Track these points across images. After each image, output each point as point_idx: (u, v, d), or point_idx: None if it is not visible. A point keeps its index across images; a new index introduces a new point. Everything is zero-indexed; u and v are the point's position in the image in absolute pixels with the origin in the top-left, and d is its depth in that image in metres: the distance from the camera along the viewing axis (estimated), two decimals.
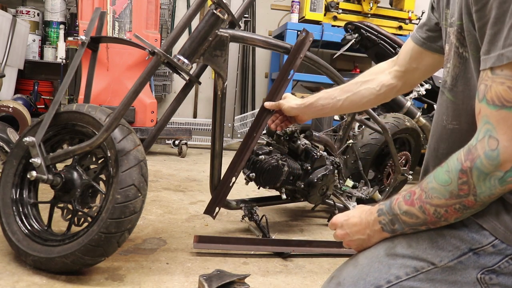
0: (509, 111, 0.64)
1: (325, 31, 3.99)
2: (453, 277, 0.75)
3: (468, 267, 0.74)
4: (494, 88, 0.66)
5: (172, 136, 3.66)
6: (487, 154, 0.66)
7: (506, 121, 0.65)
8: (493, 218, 0.73)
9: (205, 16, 1.41)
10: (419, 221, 0.78)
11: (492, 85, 0.66)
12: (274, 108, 1.55)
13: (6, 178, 1.43)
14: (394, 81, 1.16)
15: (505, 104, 0.64)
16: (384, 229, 0.83)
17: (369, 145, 2.30)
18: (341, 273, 0.87)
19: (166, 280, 1.35)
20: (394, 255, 0.81)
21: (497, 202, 0.72)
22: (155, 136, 1.54)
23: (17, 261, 1.37)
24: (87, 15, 3.20)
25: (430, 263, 0.77)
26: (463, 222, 0.75)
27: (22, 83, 4.17)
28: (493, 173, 0.66)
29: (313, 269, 1.55)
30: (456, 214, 0.73)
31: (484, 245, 0.73)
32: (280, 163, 1.74)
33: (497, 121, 0.65)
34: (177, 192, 2.46)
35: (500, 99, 0.65)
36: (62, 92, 1.46)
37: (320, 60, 1.76)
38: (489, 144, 0.66)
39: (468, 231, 0.75)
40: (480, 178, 0.68)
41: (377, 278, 0.80)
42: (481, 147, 0.67)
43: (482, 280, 0.74)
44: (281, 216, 2.18)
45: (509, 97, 0.64)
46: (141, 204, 1.28)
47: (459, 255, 0.75)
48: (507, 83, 0.64)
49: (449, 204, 0.73)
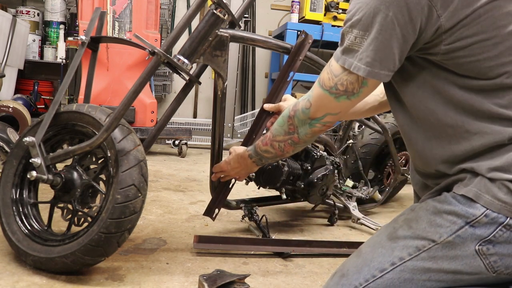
0: (323, 90, 0.93)
1: (325, 31, 3.99)
2: (453, 252, 0.80)
3: (466, 240, 0.79)
4: (324, 74, 0.93)
5: (172, 136, 3.66)
6: (303, 109, 1.01)
7: (319, 96, 0.95)
8: (482, 191, 0.80)
9: (205, 16, 1.41)
10: (273, 154, 1.17)
11: (324, 72, 0.94)
12: (273, 110, 1.56)
13: (6, 178, 1.43)
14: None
15: (323, 86, 0.93)
16: (257, 164, 1.31)
17: (369, 145, 2.30)
18: (345, 266, 0.89)
19: (166, 280, 1.35)
20: (396, 238, 0.86)
21: (483, 178, 0.80)
22: (155, 136, 1.54)
23: (17, 261, 1.37)
24: (87, 15, 3.20)
25: (431, 241, 0.82)
26: (457, 199, 0.82)
27: (22, 83, 4.17)
28: (305, 120, 1.02)
29: (313, 269, 1.55)
30: (291, 148, 1.10)
31: (478, 216, 0.79)
32: (280, 163, 1.74)
33: (315, 93, 0.97)
34: (177, 192, 2.46)
35: (324, 82, 0.93)
36: (62, 92, 1.46)
37: (320, 60, 1.76)
38: (307, 104, 1.00)
39: (462, 206, 0.81)
40: (299, 122, 1.03)
41: (381, 262, 0.84)
42: (301, 104, 1.01)
43: (480, 252, 0.79)
44: (281, 216, 2.18)
45: (327, 84, 0.92)
46: (141, 204, 1.28)
47: (456, 229, 0.80)
48: (329, 76, 0.92)
49: (285, 139, 1.09)
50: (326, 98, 0.93)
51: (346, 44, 0.85)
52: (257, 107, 4.84)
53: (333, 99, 0.92)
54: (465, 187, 0.82)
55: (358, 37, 0.82)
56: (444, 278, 0.82)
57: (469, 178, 0.82)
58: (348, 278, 0.86)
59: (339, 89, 0.89)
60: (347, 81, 0.87)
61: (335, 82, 0.89)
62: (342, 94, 0.89)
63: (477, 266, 0.80)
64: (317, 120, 0.99)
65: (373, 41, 0.80)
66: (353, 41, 0.83)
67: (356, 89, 0.87)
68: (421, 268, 0.82)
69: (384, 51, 0.80)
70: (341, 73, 0.88)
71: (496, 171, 0.79)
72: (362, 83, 0.86)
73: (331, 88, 0.91)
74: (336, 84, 0.89)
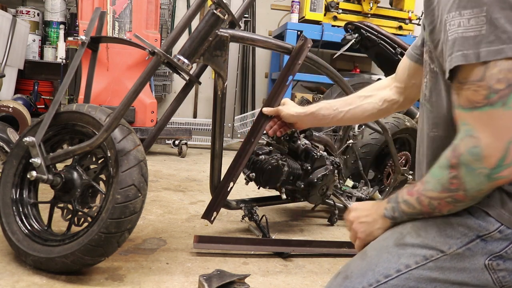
0: (481, 110, 0.69)
1: (325, 31, 3.99)
2: (461, 264, 0.78)
3: (476, 253, 0.77)
4: (462, 94, 0.72)
5: (172, 136, 3.66)
6: (469, 151, 0.70)
7: (481, 120, 0.69)
8: (498, 205, 0.76)
9: (205, 16, 1.41)
10: (415, 211, 0.83)
11: (461, 92, 0.72)
12: (272, 114, 1.55)
13: (6, 178, 1.43)
14: (396, 97, 1.20)
15: (475, 105, 0.70)
16: (386, 214, 0.88)
17: (369, 145, 2.30)
18: (349, 267, 0.88)
19: (166, 280, 1.35)
20: (403, 244, 0.84)
21: (501, 191, 0.76)
22: (155, 136, 1.54)
23: (17, 261, 1.37)
24: (87, 15, 3.20)
25: (439, 251, 0.80)
26: (469, 210, 0.79)
27: (22, 83, 4.17)
28: (480, 170, 0.70)
29: (313, 269, 1.55)
30: (448, 207, 0.78)
31: (491, 231, 0.76)
32: (280, 163, 1.74)
33: (473, 121, 0.71)
34: (177, 192, 2.46)
35: (471, 102, 0.70)
36: (62, 92, 1.46)
37: (320, 60, 1.76)
38: (470, 142, 0.71)
39: (475, 219, 0.77)
40: (467, 174, 0.72)
41: (387, 268, 0.82)
42: (463, 145, 0.72)
43: (490, 266, 0.77)
44: (281, 216, 2.18)
45: (477, 99, 0.69)
46: (141, 204, 1.28)
47: (467, 242, 0.78)
48: (472, 88, 0.70)
49: (441, 197, 0.77)
50: (492, 115, 0.68)
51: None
52: (257, 107, 4.85)
53: (502, 110, 0.67)
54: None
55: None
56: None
57: None
58: (352, 280, 0.85)
59: (498, 88, 0.67)
60: (501, 72, 0.67)
61: (488, 85, 0.68)
62: (507, 93, 0.67)
63: (484, 279, 0.78)
64: (500, 164, 0.68)
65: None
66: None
67: None
68: (427, 278, 0.80)
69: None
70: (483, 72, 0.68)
71: None
72: None
73: (486, 97, 0.68)
74: (490, 87, 0.68)
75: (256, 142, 1.58)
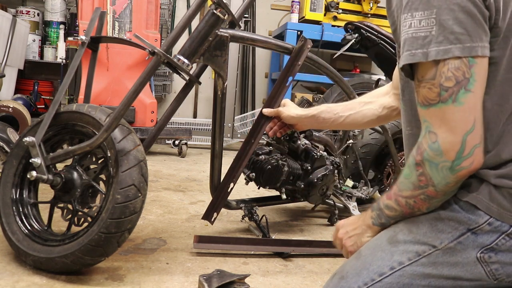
0: (435, 107, 0.74)
1: (325, 31, 3.99)
2: (454, 258, 0.79)
3: (468, 247, 0.78)
4: (420, 91, 0.77)
5: (172, 136, 3.66)
6: (430, 147, 0.75)
7: (437, 116, 0.74)
8: (486, 198, 0.77)
9: (205, 16, 1.41)
10: (397, 213, 0.87)
11: (418, 90, 0.77)
12: (272, 115, 1.56)
13: (6, 178, 1.43)
14: (395, 104, 1.22)
15: (430, 103, 0.75)
16: (374, 223, 0.92)
17: (369, 145, 2.30)
18: (344, 268, 0.89)
19: (166, 280, 1.35)
20: (396, 242, 0.85)
21: (488, 185, 0.78)
22: (155, 136, 1.54)
23: (17, 261, 1.37)
24: (87, 15, 3.20)
25: (431, 246, 0.81)
26: (459, 205, 0.80)
27: (22, 83, 4.17)
28: (442, 164, 0.75)
29: (313, 269, 1.55)
30: (425, 204, 0.81)
31: (481, 224, 0.77)
32: (280, 163, 1.74)
33: (430, 118, 0.76)
34: (177, 192, 2.46)
35: (426, 99, 0.75)
36: (62, 92, 1.46)
37: (320, 60, 1.76)
38: (430, 138, 0.75)
39: (465, 213, 0.79)
40: (432, 169, 0.76)
41: (381, 266, 0.83)
42: (425, 141, 0.77)
43: (482, 259, 0.78)
44: (281, 216, 2.18)
45: (431, 96, 0.74)
46: (141, 204, 1.28)
47: (458, 236, 0.79)
48: (427, 86, 0.75)
49: (415, 195, 0.81)
50: (445, 111, 0.73)
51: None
52: (257, 107, 4.85)
53: (452, 106, 0.72)
54: (469, 193, 0.80)
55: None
56: (444, 284, 0.81)
57: (474, 184, 0.80)
58: (347, 280, 0.86)
59: (447, 86, 0.72)
60: (449, 71, 0.72)
61: (439, 83, 0.73)
62: (455, 91, 0.72)
63: (477, 273, 0.79)
64: (459, 156, 0.73)
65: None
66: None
67: (466, 72, 0.72)
68: (420, 274, 0.81)
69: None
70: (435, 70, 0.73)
71: (502, 178, 0.77)
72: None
73: (439, 95, 0.73)
74: (441, 85, 0.73)
75: (256, 143, 1.58)
